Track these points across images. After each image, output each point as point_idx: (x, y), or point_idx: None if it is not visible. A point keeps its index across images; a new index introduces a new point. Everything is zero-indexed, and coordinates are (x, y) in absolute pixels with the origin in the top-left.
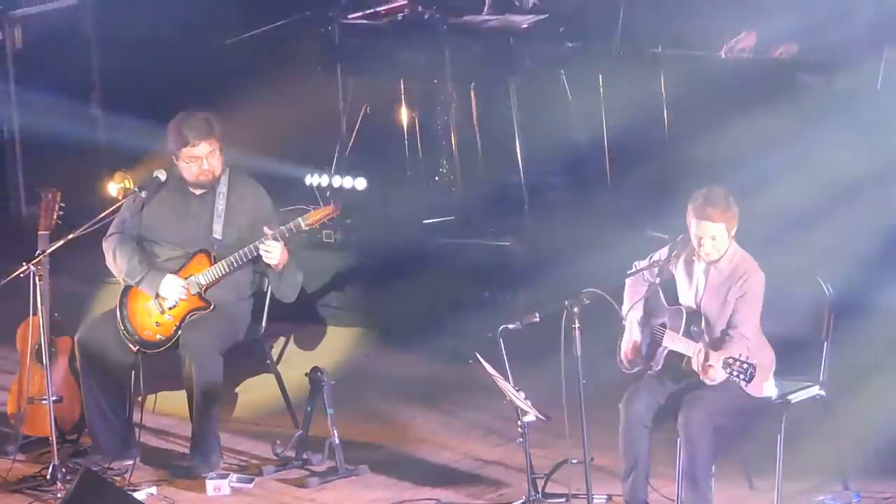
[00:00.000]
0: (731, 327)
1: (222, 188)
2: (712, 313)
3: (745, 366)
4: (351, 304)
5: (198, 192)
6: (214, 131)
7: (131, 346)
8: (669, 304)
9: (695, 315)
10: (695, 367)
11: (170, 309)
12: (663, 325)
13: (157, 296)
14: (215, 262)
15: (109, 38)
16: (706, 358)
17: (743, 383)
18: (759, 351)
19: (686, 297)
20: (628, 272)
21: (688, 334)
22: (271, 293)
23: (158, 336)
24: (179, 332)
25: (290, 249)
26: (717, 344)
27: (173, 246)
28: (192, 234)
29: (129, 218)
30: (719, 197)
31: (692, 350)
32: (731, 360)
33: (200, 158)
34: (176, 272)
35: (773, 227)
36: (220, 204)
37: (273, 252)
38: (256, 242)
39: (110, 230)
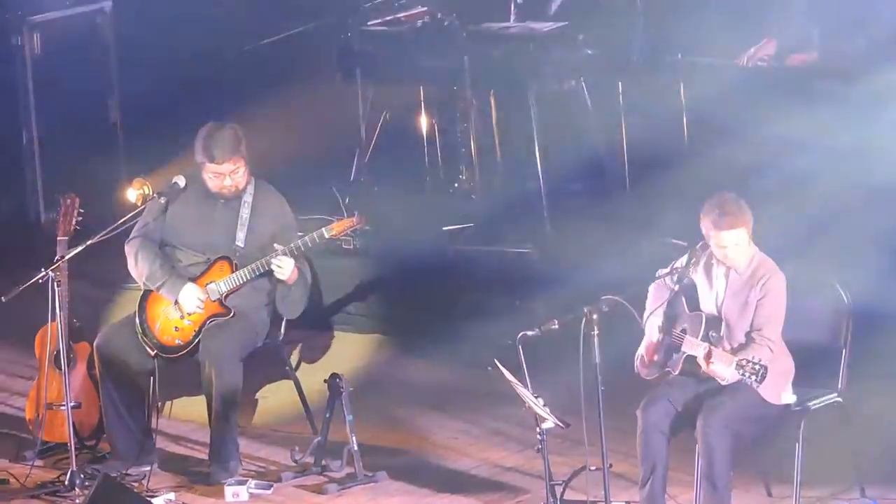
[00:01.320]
0: (754, 330)
1: (248, 197)
2: (733, 317)
3: (756, 367)
4: (370, 310)
5: (223, 199)
6: (240, 150)
7: (149, 350)
8: (691, 310)
9: (714, 321)
10: (702, 365)
11: (189, 314)
12: (683, 331)
13: (177, 302)
14: (236, 270)
15: (129, 45)
16: (708, 355)
17: (755, 384)
18: (780, 358)
19: (707, 303)
20: (656, 276)
21: (706, 340)
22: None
23: (177, 341)
24: (198, 337)
25: (300, 268)
26: (739, 348)
27: (195, 251)
28: (214, 241)
29: (151, 222)
30: (732, 203)
31: (702, 351)
32: (744, 362)
33: (224, 175)
34: (197, 278)
35: (792, 234)
36: (245, 213)
37: (285, 267)
38: (268, 257)
39: (133, 234)
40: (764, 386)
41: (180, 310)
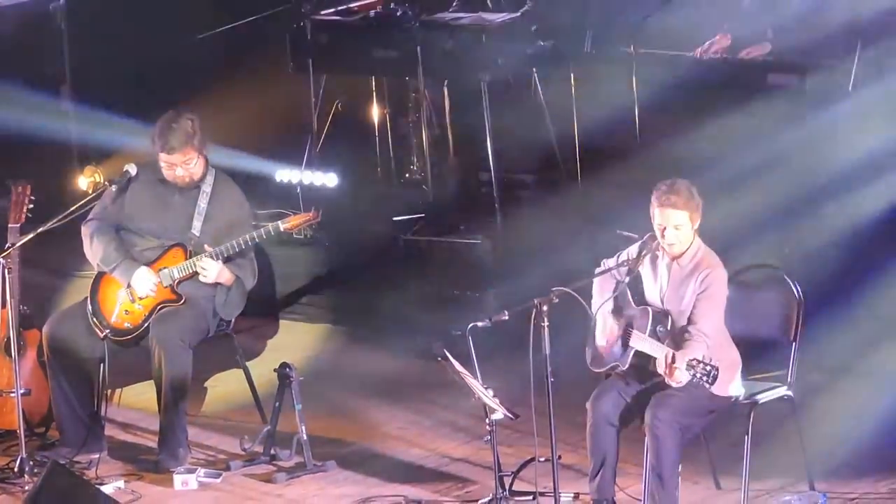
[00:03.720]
0: (690, 324)
1: (206, 188)
2: (674, 309)
3: (708, 367)
4: (321, 300)
5: (179, 188)
6: (192, 142)
7: (99, 331)
8: (637, 303)
9: (661, 315)
10: (660, 369)
11: (140, 299)
12: (630, 326)
13: (129, 285)
14: (191, 258)
15: (81, 32)
16: (672, 360)
17: (706, 385)
18: (724, 350)
19: (651, 294)
20: (597, 270)
21: (654, 335)
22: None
23: (126, 324)
24: (148, 322)
25: (237, 274)
26: (678, 341)
27: (151, 236)
28: (171, 227)
29: (110, 205)
30: (683, 186)
31: (658, 352)
32: (694, 363)
33: (175, 165)
34: (151, 263)
35: (743, 226)
36: (203, 203)
37: (209, 271)
38: (194, 259)
39: (90, 215)
40: None
41: (132, 294)
